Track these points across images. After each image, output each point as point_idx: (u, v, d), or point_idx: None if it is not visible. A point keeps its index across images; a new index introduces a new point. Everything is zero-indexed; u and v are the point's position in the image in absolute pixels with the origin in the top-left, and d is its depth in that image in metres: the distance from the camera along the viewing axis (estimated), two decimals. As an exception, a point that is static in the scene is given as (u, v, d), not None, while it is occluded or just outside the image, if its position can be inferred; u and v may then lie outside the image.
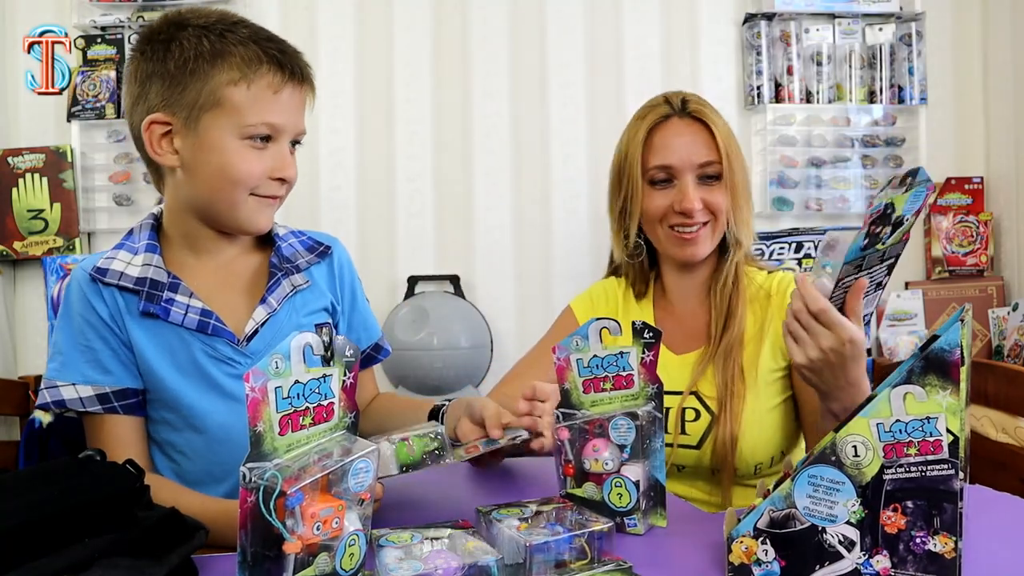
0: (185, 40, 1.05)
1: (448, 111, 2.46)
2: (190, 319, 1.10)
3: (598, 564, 0.77)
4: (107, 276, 1.10)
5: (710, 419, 1.32)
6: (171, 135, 1.07)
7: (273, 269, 1.18)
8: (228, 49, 1.05)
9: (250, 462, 0.66)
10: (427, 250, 2.45)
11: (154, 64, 1.06)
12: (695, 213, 1.32)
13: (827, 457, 0.73)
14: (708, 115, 1.35)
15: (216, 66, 1.04)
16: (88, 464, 0.85)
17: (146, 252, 1.12)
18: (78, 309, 1.10)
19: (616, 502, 0.92)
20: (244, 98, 1.05)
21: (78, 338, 1.10)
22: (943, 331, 0.68)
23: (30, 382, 2.24)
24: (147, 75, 1.07)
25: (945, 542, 0.71)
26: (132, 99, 1.09)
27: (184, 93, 1.04)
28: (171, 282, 1.11)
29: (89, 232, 2.38)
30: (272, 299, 1.15)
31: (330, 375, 0.73)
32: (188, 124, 1.05)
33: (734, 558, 0.76)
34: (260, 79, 1.06)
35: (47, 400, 1.09)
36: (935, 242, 2.49)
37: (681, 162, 1.33)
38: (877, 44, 2.47)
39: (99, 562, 0.70)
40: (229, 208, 1.09)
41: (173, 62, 1.05)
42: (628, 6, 2.50)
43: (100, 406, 1.09)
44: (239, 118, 1.05)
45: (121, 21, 2.36)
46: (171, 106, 1.05)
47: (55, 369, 1.10)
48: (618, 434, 0.92)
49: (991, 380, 1.87)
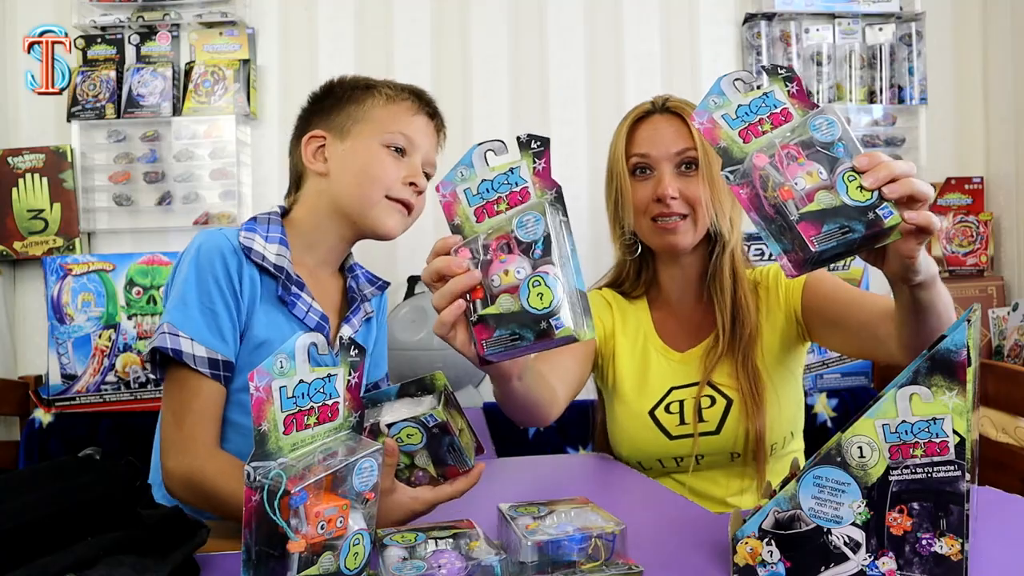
0: (347, 85, 1.32)
1: (448, 111, 2.42)
2: (310, 318, 1.23)
3: (609, 566, 0.77)
4: (252, 254, 1.19)
5: (726, 403, 1.36)
6: (324, 148, 1.28)
7: (352, 294, 1.34)
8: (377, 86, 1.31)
9: (255, 461, 0.66)
10: (427, 250, 2.43)
11: (314, 105, 1.33)
12: (670, 201, 1.35)
13: (832, 458, 0.72)
14: (686, 110, 1.39)
15: (367, 95, 1.29)
16: (89, 463, 0.85)
17: (279, 244, 1.23)
18: (215, 272, 1.16)
19: (536, 304, 0.81)
20: (387, 113, 1.28)
21: (204, 298, 1.15)
22: (950, 331, 0.68)
23: (30, 382, 2.24)
24: (308, 113, 1.33)
25: (951, 544, 0.70)
26: (292, 135, 1.34)
27: (339, 116, 1.28)
28: (298, 280, 1.23)
29: (89, 232, 2.38)
30: (355, 320, 1.31)
31: (335, 375, 0.73)
32: (339, 137, 1.27)
33: (739, 559, 0.76)
34: (401, 103, 1.30)
35: (167, 345, 1.11)
36: (935, 242, 2.49)
37: (657, 151, 1.39)
38: (877, 44, 2.47)
39: (103, 560, 0.70)
40: (366, 206, 1.25)
41: (330, 100, 1.31)
42: (628, 6, 2.49)
43: (208, 370, 1.13)
44: (381, 127, 1.26)
45: (121, 21, 2.35)
46: (326, 126, 1.29)
47: (178, 315, 1.14)
48: (525, 231, 0.83)
49: (991, 380, 1.87)
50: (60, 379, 2.17)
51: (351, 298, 1.34)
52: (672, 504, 1.15)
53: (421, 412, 0.95)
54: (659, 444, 1.39)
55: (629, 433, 1.42)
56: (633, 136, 1.42)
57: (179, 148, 2.34)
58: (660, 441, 1.39)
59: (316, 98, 1.34)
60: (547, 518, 0.81)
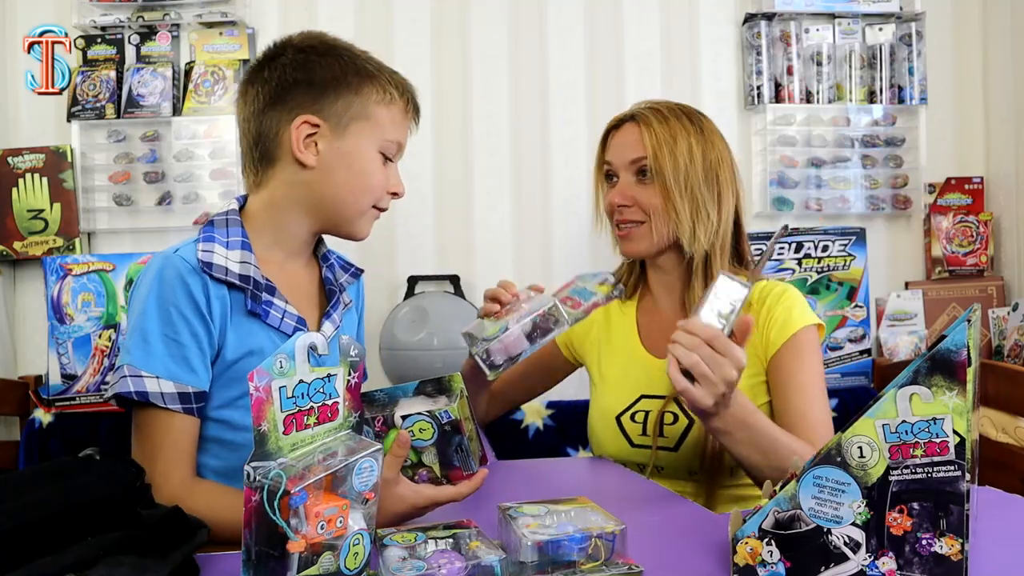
0: (337, 59, 1.18)
1: (448, 111, 2.46)
2: (286, 324, 1.17)
3: (609, 566, 0.77)
4: (214, 270, 1.11)
5: (687, 423, 1.35)
6: (316, 137, 1.16)
7: (330, 286, 1.28)
8: (377, 75, 1.19)
9: (254, 461, 0.66)
10: (427, 250, 2.44)
11: (299, 73, 1.17)
12: (620, 208, 1.40)
13: (832, 458, 0.73)
14: (647, 117, 1.39)
15: (369, 84, 1.18)
16: (89, 463, 0.85)
17: (241, 249, 1.15)
18: (176, 302, 1.08)
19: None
20: (387, 115, 1.20)
21: (166, 330, 1.08)
22: (950, 331, 0.68)
23: (30, 382, 2.24)
24: (291, 82, 1.16)
25: (951, 544, 0.71)
26: (266, 101, 1.17)
27: (336, 102, 1.16)
28: (267, 284, 1.16)
29: (89, 232, 2.37)
30: (336, 316, 1.26)
31: (334, 375, 0.73)
32: (336, 130, 1.16)
33: (739, 559, 0.76)
34: (397, 103, 1.21)
35: (130, 389, 1.06)
36: (935, 242, 2.49)
37: (617, 159, 1.43)
38: (877, 44, 2.47)
39: (103, 560, 0.70)
40: (354, 213, 1.21)
41: (330, 72, 1.17)
42: (628, 6, 2.49)
43: (180, 405, 1.07)
44: (382, 132, 1.19)
45: (121, 21, 2.35)
46: (321, 111, 1.16)
47: (140, 357, 1.07)
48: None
49: (991, 380, 1.87)
50: (60, 379, 2.17)
51: (329, 290, 1.28)
52: (672, 504, 1.16)
53: (437, 408, 0.97)
54: (622, 449, 1.41)
55: (597, 435, 1.46)
56: (606, 143, 1.47)
57: (179, 148, 2.34)
58: (623, 446, 1.41)
59: (302, 64, 1.18)
60: (547, 518, 0.81)
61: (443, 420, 0.96)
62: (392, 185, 1.23)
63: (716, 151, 1.39)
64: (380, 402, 1.00)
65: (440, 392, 1.01)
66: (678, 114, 1.40)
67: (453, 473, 0.99)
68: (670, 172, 1.35)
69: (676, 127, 1.38)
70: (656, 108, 1.42)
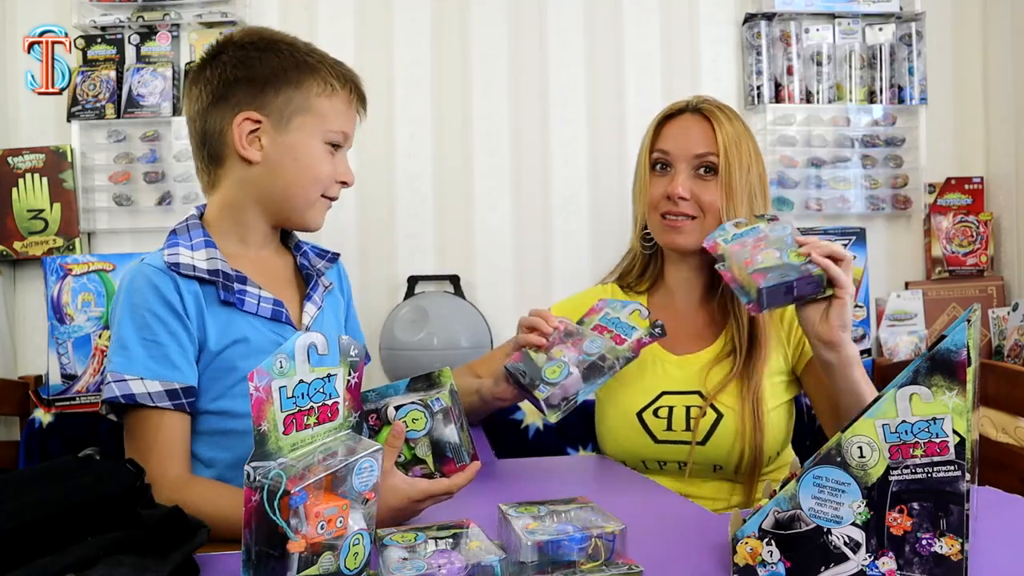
0: (277, 53, 1.19)
1: (448, 111, 2.46)
2: (263, 308, 1.19)
3: (609, 566, 0.77)
4: (181, 268, 1.14)
5: (716, 416, 1.34)
6: (259, 133, 1.18)
7: (307, 271, 1.30)
8: (317, 66, 1.20)
9: (254, 461, 0.66)
10: (427, 250, 2.44)
11: (239, 70, 1.18)
12: (679, 201, 1.37)
13: (832, 458, 0.73)
14: (715, 113, 1.40)
15: (309, 77, 1.19)
16: (89, 463, 0.85)
17: (205, 248, 1.17)
18: (146, 304, 1.11)
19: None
20: (329, 107, 1.20)
21: (143, 332, 1.10)
22: (950, 331, 0.68)
23: (30, 382, 2.24)
24: (232, 79, 1.18)
25: (951, 544, 0.71)
26: (209, 99, 1.19)
27: (276, 97, 1.18)
28: (238, 275, 1.18)
29: (89, 232, 2.37)
30: (316, 297, 1.27)
31: (335, 375, 0.73)
32: (278, 125, 1.18)
33: (739, 559, 0.76)
34: (340, 93, 1.22)
35: (116, 394, 1.08)
36: (935, 242, 2.49)
37: (678, 149, 1.41)
38: (877, 44, 2.47)
39: (103, 560, 0.70)
40: (303, 204, 1.22)
41: (269, 68, 1.18)
42: (628, 6, 2.49)
43: (169, 402, 1.09)
44: (325, 124, 1.20)
45: (121, 21, 2.35)
46: (262, 107, 1.18)
47: (121, 363, 1.09)
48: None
49: (991, 380, 1.87)
50: (60, 379, 2.17)
51: (307, 275, 1.30)
52: (672, 504, 1.16)
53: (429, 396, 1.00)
54: (644, 446, 1.40)
55: (615, 433, 1.44)
56: (660, 132, 1.44)
57: (179, 148, 2.34)
58: (645, 443, 1.39)
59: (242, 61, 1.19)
60: (547, 518, 0.81)
61: (435, 408, 0.98)
62: (340, 174, 1.24)
63: (762, 158, 1.44)
64: (372, 400, 1.03)
65: (431, 387, 1.04)
66: (737, 116, 1.43)
67: (447, 467, 1.00)
68: (737, 173, 1.37)
69: (740, 128, 1.41)
70: (719, 106, 1.43)
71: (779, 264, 1.14)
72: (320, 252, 1.36)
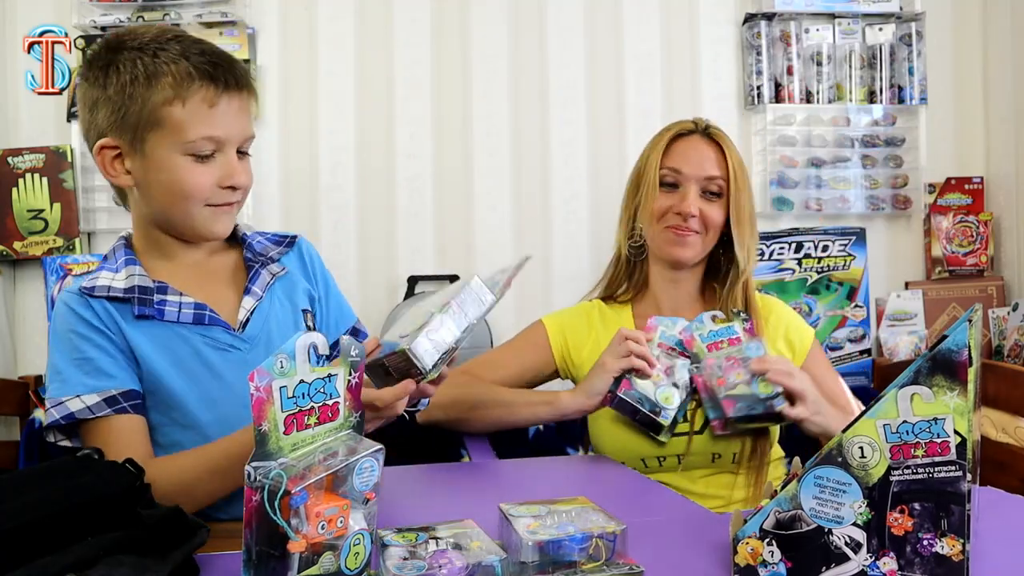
0: (121, 64, 1.08)
1: (448, 111, 2.46)
2: (185, 314, 1.15)
3: (609, 566, 0.77)
4: (95, 291, 1.13)
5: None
6: (121, 157, 1.11)
7: (250, 262, 1.23)
8: (160, 69, 1.07)
9: (255, 461, 0.66)
10: (427, 250, 2.44)
11: (97, 90, 1.10)
12: (689, 218, 1.46)
13: (833, 458, 0.72)
14: (724, 140, 1.51)
15: (151, 87, 1.07)
16: (89, 463, 0.85)
17: (127, 266, 1.15)
18: (68, 327, 1.12)
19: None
20: (181, 115, 1.08)
21: (72, 354, 1.10)
22: (951, 331, 0.68)
23: (30, 382, 2.23)
24: (93, 101, 1.11)
25: (953, 544, 0.70)
26: (85, 126, 1.14)
27: (127, 116, 1.08)
28: (158, 286, 1.15)
29: (89, 232, 2.37)
30: (256, 288, 1.21)
31: (335, 375, 0.73)
32: (134, 145, 1.09)
33: (740, 559, 0.76)
34: (194, 95, 1.08)
35: (56, 417, 1.08)
36: (935, 242, 2.49)
37: (690, 169, 1.48)
38: (877, 44, 2.47)
39: (103, 560, 0.70)
40: (185, 219, 1.14)
41: (113, 87, 1.08)
42: (628, 6, 2.49)
43: (109, 408, 1.08)
44: (180, 135, 1.08)
45: (121, 21, 2.35)
46: (117, 130, 1.09)
47: (56, 388, 1.10)
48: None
49: (991, 380, 1.87)
50: (60, 379, 2.17)
51: (249, 267, 1.23)
52: (673, 504, 1.16)
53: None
54: (642, 442, 1.41)
55: (612, 433, 1.46)
56: (671, 149, 1.51)
57: (179, 148, 2.34)
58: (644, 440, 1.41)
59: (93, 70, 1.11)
60: (548, 518, 0.81)
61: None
62: (223, 179, 1.12)
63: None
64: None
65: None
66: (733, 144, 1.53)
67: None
68: (743, 197, 1.49)
69: (739, 155, 1.52)
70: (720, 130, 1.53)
71: (748, 394, 1.31)
72: (277, 239, 1.29)
